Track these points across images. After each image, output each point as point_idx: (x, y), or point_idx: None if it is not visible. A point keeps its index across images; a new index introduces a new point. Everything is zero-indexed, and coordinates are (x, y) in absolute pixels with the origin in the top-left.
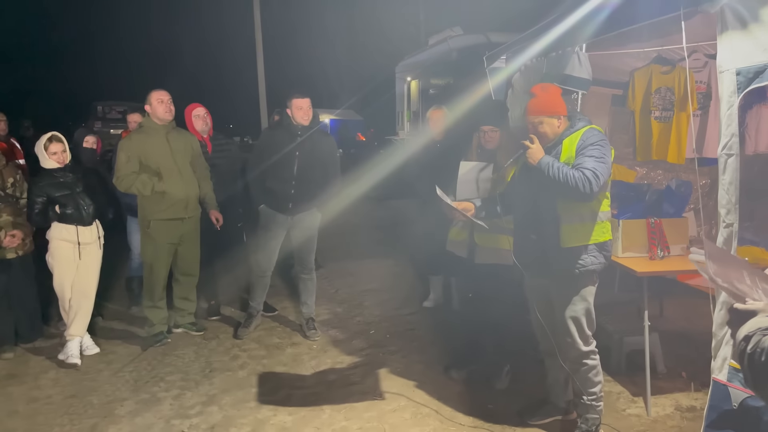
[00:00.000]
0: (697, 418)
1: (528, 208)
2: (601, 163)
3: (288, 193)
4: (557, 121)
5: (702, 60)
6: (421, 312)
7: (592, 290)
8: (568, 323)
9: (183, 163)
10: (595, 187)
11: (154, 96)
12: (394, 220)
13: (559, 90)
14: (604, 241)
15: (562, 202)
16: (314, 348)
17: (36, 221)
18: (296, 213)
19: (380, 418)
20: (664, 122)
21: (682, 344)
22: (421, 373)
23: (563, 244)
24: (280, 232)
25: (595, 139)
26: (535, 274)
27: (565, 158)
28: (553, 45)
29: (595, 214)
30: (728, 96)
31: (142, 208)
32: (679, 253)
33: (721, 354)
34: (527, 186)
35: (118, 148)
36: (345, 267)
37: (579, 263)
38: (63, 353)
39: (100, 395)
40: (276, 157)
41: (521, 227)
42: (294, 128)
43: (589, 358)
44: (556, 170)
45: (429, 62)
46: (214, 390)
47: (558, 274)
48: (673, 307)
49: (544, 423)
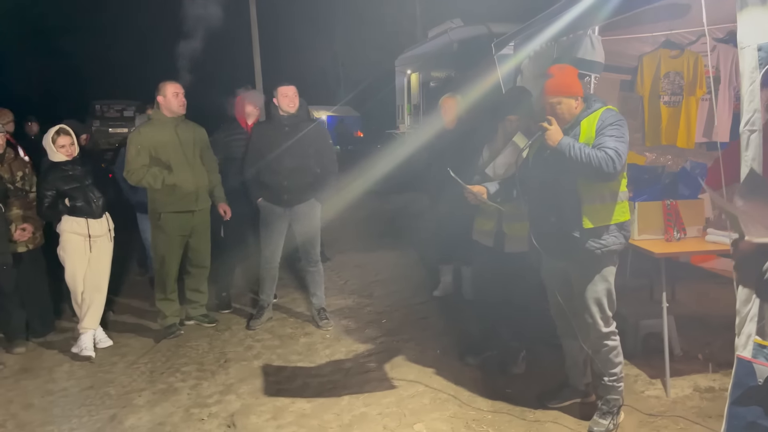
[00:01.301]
0: (717, 399)
1: (546, 191)
2: (622, 143)
3: (281, 185)
4: (575, 101)
5: (711, 44)
6: (432, 301)
7: (613, 270)
8: (589, 304)
9: (193, 155)
10: (618, 166)
11: (169, 88)
12: (398, 213)
13: (576, 71)
14: (624, 221)
15: (583, 183)
16: (327, 337)
17: (46, 215)
18: (293, 204)
19: (399, 404)
20: (673, 107)
21: (696, 327)
22: (437, 359)
23: (585, 225)
24: (280, 225)
25: (613, 119)
26: (555, 256)
27: (584, 139)
28: (565, 29)
29: (615, 194)
30: (750, 72)
31: (152, 201)
32: (696, 235)
33: (746, 331)
34: (544, 168)
35: (127, 142)
36: (352, 259)
37: (601, 243)
38: (76, 346)
39: (117, 386)
40: (266, 150)
41: (539, 210)
42: (281, 118)
43: (609, 339)
44: (578, 151)
45: (429, 55)
46: (230, 379)
47: (580, 255)
48: (685, 291)
49: (563, 406)
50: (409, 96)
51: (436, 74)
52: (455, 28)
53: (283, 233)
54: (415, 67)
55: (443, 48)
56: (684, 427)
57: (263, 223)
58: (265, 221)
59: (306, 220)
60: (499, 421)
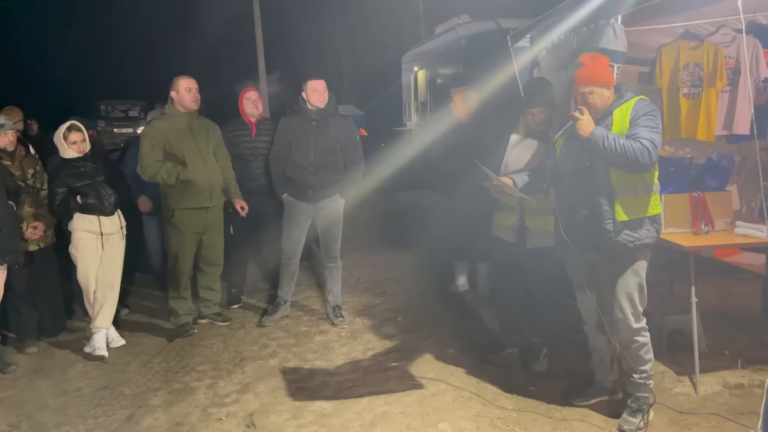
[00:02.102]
0: (747, 395)
1: (577, 182)
2: (657, 133)
3: (307, 180)
4: (608, 91)
5: (730, 35)
6: (446, 298)
7: (645, 265)
8: (620, 299)
9: (207, 151)
10: (654, 156)
11: (182, 83)
12: (407, 210)
13: (608, 59)
14: (657, 213)
15: (616, 175)
16: (343, 335)
17: (58, 212)
18: (318, 200)
19: (421, 402)
20: (692, 99)
21: (720, 323)
22: (457, 357)
23: (619, 218)
24: (303, 221)
25: (647, 109)
26: (584, 250)
27: (617, 129)
28: (586, 19)
29: (648, 186)
30: None
31: (165, 197)
32: (723, 228)
33: None
34: (575, 160)
35: (141, 136)
36: (364, 257)
37: (634, 236)
38: (89, 346)
39: (132, 386)
40: (293, 144)
41: (570, 202)
42: (309, 113)
43: (640, 335)
44: (612, 142)
45: (437, 51)
46: (247, 378)
47: (612, 249)
48: (706, 286)
49: (590, 404)
50: (416, 93)
51: (443, 71)
52: (463, 24)
53: (306, 229)
54: (422, 63)
55: (451, 44)
56: (716, 424)
57: (287, 218)
58: (288, 216)
59: (330, 216)
60: (525, 419)
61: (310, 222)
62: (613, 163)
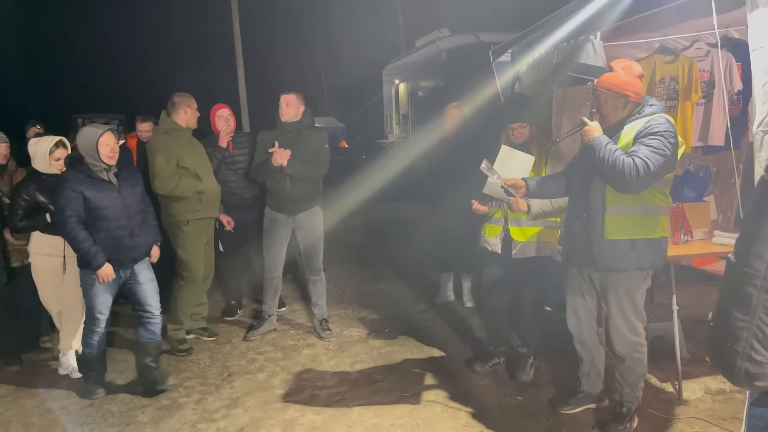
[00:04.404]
0: (729, 400)
1: (579, 193)
2: (656, 155)
3: (285, 192)
4: (622, 102)
5: (704, 49)
6: (433, 310)
7: (641, 288)
8: (614, 315)
9: (209, 164)
10: (643, 177)
11: (193, 103)
12: (391, 222)
13: (640, 72)
14: (655, 237)
15: (611, 190)
16: (331, 348)
17: (21, 228)
18: (297, 212)
19: (411, 414)
20: (669, 112)
21: (700, 330)
22: (444, 368)
23: (606, 236)
24: (283, 233)
25: (659, 129)
26: (576, 263)
27: (621, 144)
28: (567, 35)
29: (646, 207)
30: (763, 73)
31: (175, 210)
32: (702, 237)
33: None
34: (582, 169)
35: (152, 150)
36: (348, 269)
37: (624, 259)
38: (63, 369)
39: (118, 403)
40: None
41: (570, 212)
42: (285, 125)
43: (636, 350)
44: (607, 151)
45: (418, 64)
46: (236, 393)
47: (601, 267)
48: (685, 294)
49: (577, 411)
50: (397, 106)
51: (424, 84)
52: (443, 37)
53: (286, 242)
54: (403, 76)
55: (431, 57)
56: (700, 429)
57: (266, 231)
58: (268, 229)
59: (309, 228)
60: (513, 428)
61: (290, 235)
62: (604, 175)
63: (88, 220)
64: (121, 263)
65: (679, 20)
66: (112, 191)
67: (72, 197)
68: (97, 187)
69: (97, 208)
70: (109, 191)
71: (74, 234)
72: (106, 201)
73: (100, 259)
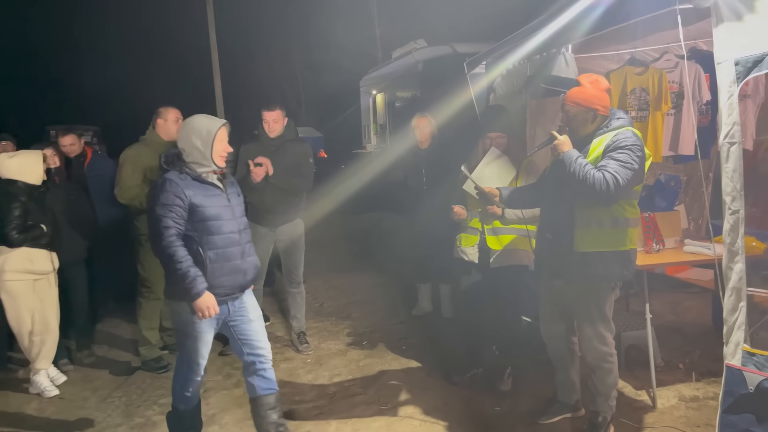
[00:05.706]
0: (702, 407)
1: (550, 205)
2: (625, 169)
3: (266, 205)
4: (591, 116)
5: (673, 60)
6: (411, 321)
7: (609, 299)
8: (584, 326)
9: None
10: (613, 190)
11: (171, 113)
12: (369, 232)
13: (607, 86)
14: (624, 250)
15: (580, 203)
16: (309, 362)
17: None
18: (278, 225)
19: (389, 427)
20: (640, 122)
21: (674, 337)
22: (423, 380)
23: (576, 248)
24: (264, 245)
25: (626, 143)
26: (548, 274)
27: (591, 158)
28: (539, 47)
29: (615, 220)
30: (728, 86)
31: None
32: (674, 246)
33: (734, 339)
34: (552, 181)
35: (122, 160)
36: (327, 281)
37: (592, 271)
38: (34, 388)
39: (91, 423)
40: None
41: (541, 224)
42: (266, 139)
43: (606, 360)
44: (577, 166)
45: (394, 75)
46: (212, 410)
47: (571, 279)
48: (659, 302)
49: (554, 421)
50: (374, 116)
51: (401, 94)
52: (420, 48)
53: (267, 254)
54: (380, 87)
55: (408, 68)
56: None
57: None
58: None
59: (290, 241)
60: None
61: (272, 247)
62: (575, 188)
63: (196, 236)
64: (232, 291)
65: (648, 33)
66: (222, 198)
67: (175, 205)
68: (206, 193)
69: (208, 220)
70: (220, 198)
71: (171, 250)
72: (218, 210)
73: (200, 285)
